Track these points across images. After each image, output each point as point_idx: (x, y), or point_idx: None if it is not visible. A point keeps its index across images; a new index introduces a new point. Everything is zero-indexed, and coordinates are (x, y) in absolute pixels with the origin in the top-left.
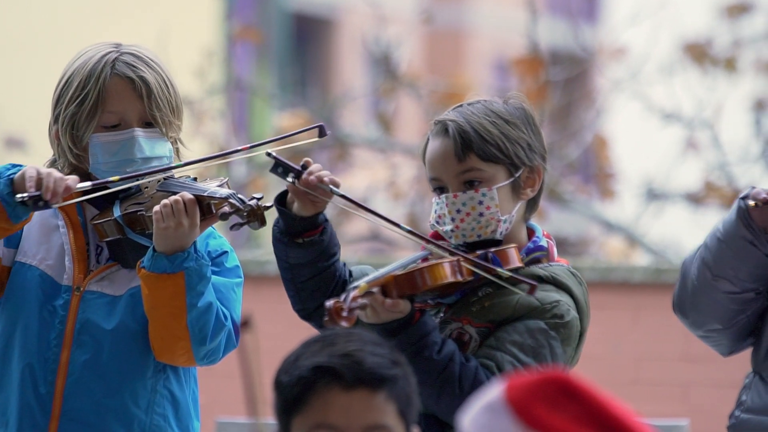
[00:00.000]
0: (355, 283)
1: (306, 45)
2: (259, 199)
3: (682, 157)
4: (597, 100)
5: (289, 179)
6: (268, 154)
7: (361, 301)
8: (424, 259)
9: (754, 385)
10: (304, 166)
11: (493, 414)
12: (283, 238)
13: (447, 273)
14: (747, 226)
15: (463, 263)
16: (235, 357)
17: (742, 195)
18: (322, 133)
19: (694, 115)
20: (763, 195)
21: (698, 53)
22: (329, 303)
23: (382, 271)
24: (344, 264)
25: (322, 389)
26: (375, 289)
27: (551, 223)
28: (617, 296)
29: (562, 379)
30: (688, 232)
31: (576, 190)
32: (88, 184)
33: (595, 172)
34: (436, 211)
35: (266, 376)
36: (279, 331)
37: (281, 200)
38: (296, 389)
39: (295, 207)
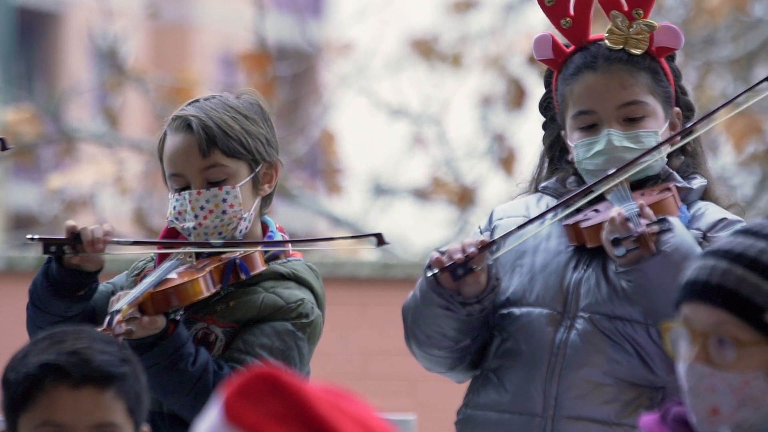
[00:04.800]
0: (116, 306)
1: (31, 39)
2: None
3: (410, 153)
4: (324, 95)
5: (69, 253)
6: (31, 239)
7: (125, 327)
8: (191, 267)
9: (482, 382)
10: (75, 234)
11: (211, 418)
12: (63, 295)
13: (203, 288)
14: (438, 294)
15: (213, 272)
16: None
17: (426, 263)
18: (3, 146)
19: (421, 110)
20: (443, 259)
21: (425, 49)
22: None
23: (138, 288)
24: None
25: (50, 387)
26: (133, 310)
27: (279, 218)
28: (345, 291)
29: (269, 375)
30: (415, 227)
31: (303, 185)
32: None
33: (323, 168)
34: (175, 208)
35: None
36: (5, 327)
37: (52, 261)
38: (23, 387)
39: (82, 266)
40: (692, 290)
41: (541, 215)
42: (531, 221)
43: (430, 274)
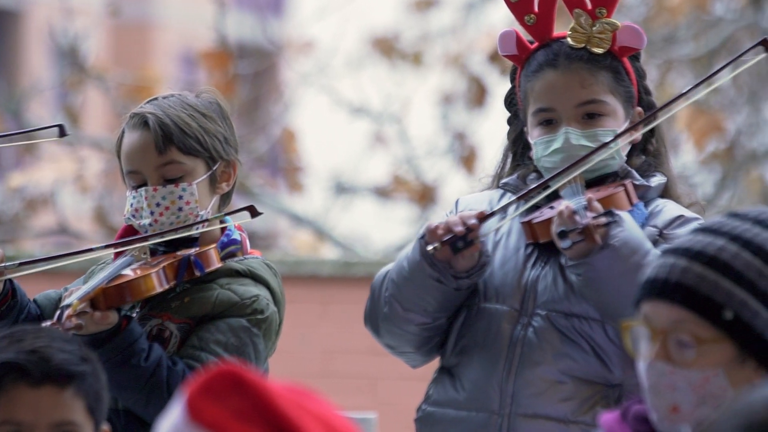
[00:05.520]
0: (68, 301)
1: None
2: None
3: (371, 151)
4: (285, 93)
5: None
6: None
7: (75, 321)
8: (146, 264)
9: (441, 380)
10: None
11: (174, 415)
12: None
13: (155, 284)
14: (431, 265)
15: (167, 269)
16: None
17: (420, 234)
18: (62, 132)
19: (382, 109)
20: (440, 231)
21: (386, 47)
22: (46, 324)
23: (91, 283)
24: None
25: (9, 386)
26: (84, 305)
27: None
28: (306, 289)
29: (232, 373)
30: (376, 225)
31: (264, 183)
32: None
33: (284, 166)
34: (132, 205)
35: None
36: None
37: None
38: None
39: None
40: (652, 288)
41: (530, 191)
42: (522, 197)
43: (431, 247)
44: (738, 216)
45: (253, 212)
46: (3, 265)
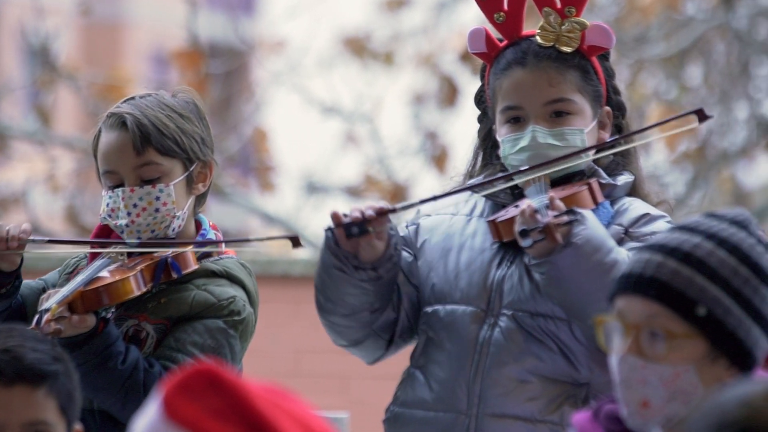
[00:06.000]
0: (46, 305)
1: None
2: None
3: (342, 151)
4: (256, 93)
5: None
6: None
7: (54, 326)
8: (123, 265)
9: (409, 380)
10: None
11: (150, 414)
12: None
13: (133, 288)
14: (334, 254)
15: (145, 271)
16: None
17: (326, 227)
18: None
19: (354, 108)
20: (335, 213)
21: (357, 47)
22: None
23: (69, 286)
24: None
25: None
26: (63, 309)
27: (211, 216)
28: (278, 289)
29: (209, 372)
30: None
31: (236, 183)
32: None
33: (255, 165)
34: (108, 205)
35: None
36: None
37: None
38: None
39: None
40: (626, 283)
41: (448, 193)
42: (435, 198)
43: (326, 227)
44: (715, 216)
45: (295, 243)
46: (31, 239)
